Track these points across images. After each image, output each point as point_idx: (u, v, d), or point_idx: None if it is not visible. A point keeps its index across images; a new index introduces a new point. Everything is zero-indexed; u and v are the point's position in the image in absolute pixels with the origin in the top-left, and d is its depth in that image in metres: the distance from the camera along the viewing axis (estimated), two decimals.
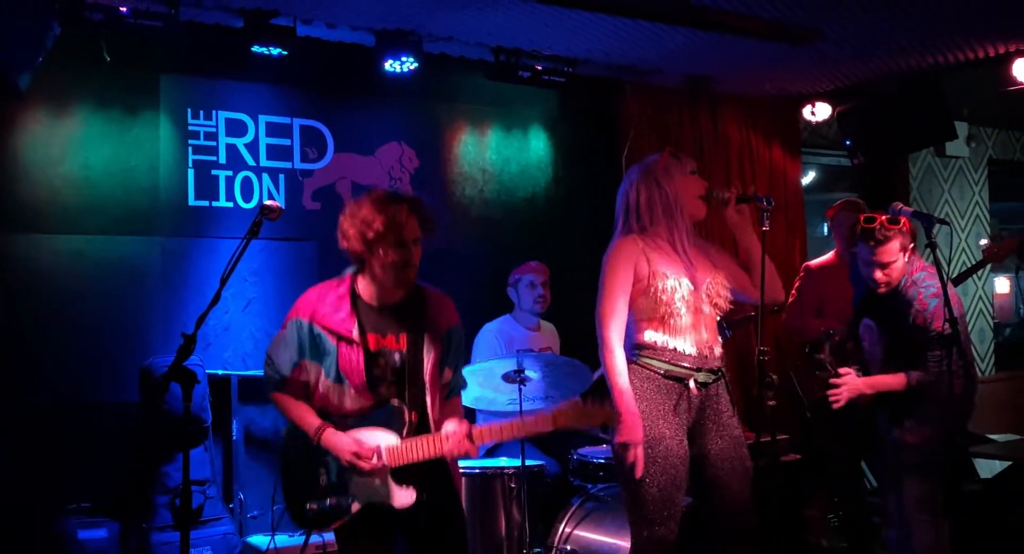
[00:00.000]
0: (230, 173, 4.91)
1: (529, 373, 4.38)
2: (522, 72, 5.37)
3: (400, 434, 3.17)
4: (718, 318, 3.66)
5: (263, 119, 5.01)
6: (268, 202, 3.21)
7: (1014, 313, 6.77)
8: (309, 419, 3.21)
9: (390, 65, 4.96)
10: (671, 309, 3.46)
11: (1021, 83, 5.56)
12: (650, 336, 3.49)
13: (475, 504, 4.48)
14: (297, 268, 5.05)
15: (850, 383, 3.99)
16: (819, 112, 6.57)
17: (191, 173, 4.81)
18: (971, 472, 6.56)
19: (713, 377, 3.53)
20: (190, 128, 4.82)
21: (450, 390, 3.36)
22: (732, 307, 3.67)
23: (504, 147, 5.78)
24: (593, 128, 6.10)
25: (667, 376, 3.47)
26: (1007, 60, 5.55)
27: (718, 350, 3.58)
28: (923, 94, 6.07)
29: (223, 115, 4.90)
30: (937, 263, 3.84)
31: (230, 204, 4.92)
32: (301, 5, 4.62)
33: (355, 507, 3.15)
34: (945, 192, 8.22)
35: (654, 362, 3.48)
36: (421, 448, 3.13)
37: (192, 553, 4.32)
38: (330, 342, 3.16)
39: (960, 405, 3.96)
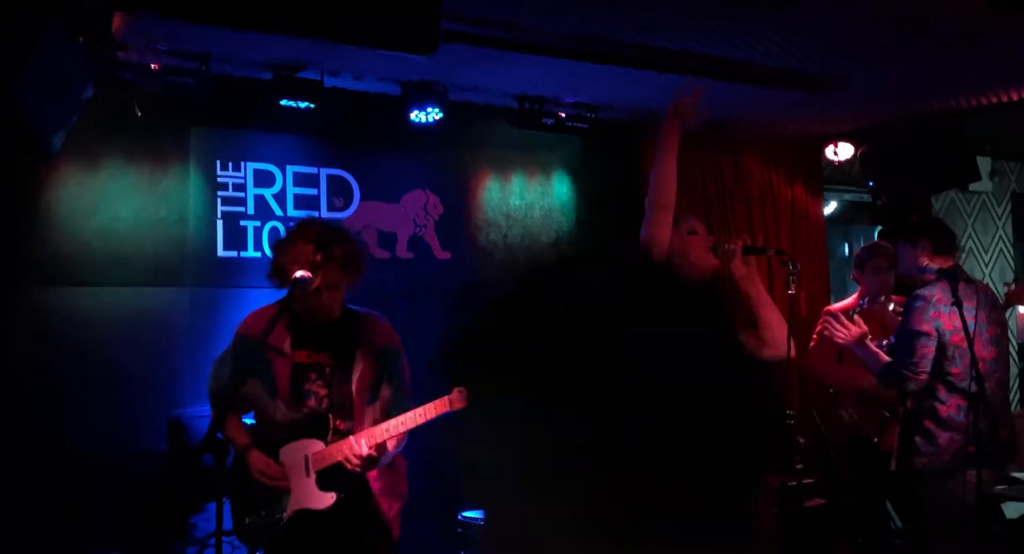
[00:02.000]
0: (258, 223, 4.99)
1: None
2: (546, 119, 5.43)
3: (325, 439, 3.37)
4: None
5: (290, 169, 5.10)
6: (300, 272, 3.28)
7: None
8: (238, 437, 3.47)
9: (416, 115, 5.03)
10: None
11: None
12: None
13: None
14: None
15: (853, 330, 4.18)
16: (841, 152, 6.59)
17: (219, 224, 4.89)
18: (997, 514, 6.53)
19: None
20: (219, 180, 4.90)
21: (391, 408, 3.51)
22: None
23: (527, 192, 5.83)
24: (615, 172, 6.13)
25: None
26: None
27: None
28: (946, 135, 6.07)
29: (251, 166, 4.98)
30: (962, 319, 3.87)
31: (258, 254, 4.99)
32: (329, 59, 4.69)
33: (286, 515, 3.35)
34: (968, 227, 8.20)
35: None
36: (338, 450, 3.34)
37: None
38: (267, 356, 3.38)
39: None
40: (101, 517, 4.54)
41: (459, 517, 4.62)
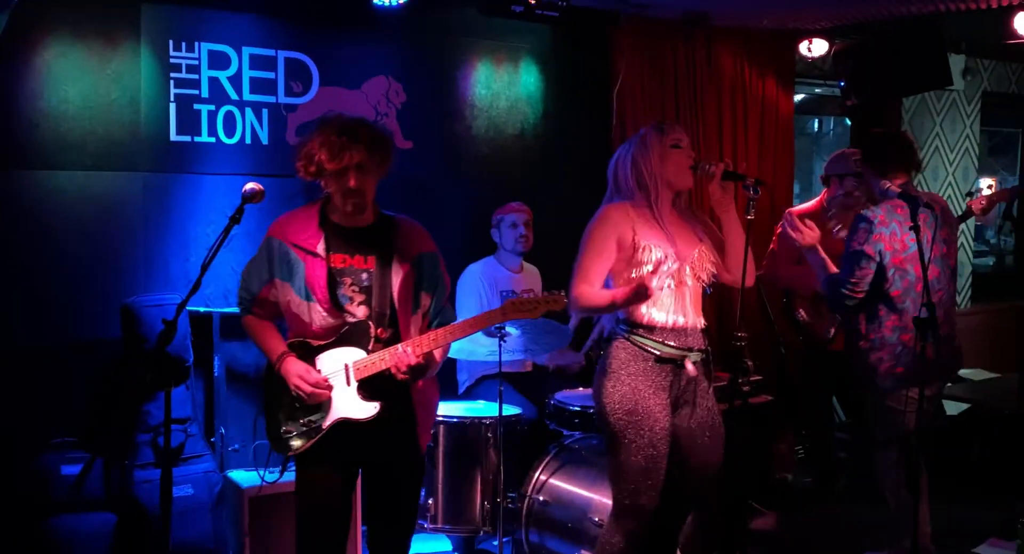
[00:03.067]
0: (212, 107, 4.82)
1: (510, 329, 4.42)
2: (515, 6, 5.26)
3: (366, 349, 3.30)
4: (704, 291, 3.71)
5: (247, 51, 4.89)
6: (250, 185, 3.24)
7: (996, 216, 6.84)
8: (273, 345, 3.40)
9: None
10: (657, 282, 3.49)
11: (1021, 37, 5.49)
12: (639, 309, 3.54)
13: (452, 452, 4.60)
14: (280, 204, 4.90)
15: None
16: (816, 48, 6.51)
17: (173, 107, 4.72)
18: (939, 410, 6.74)
19: (703, 356, 3.60)
20: (172, 61, 4.70)
21: (432, 318, 3.46)
22: (714, 280, 3.73)
23: (493, 82, 5.68)
24: (586, 62, 5.98)
25: (660, 359, 3.53)
26: (1009, 12, 5.46)
27: (702, 324, 3.65)
28: (922, 38, 5.98)
29: (206, 46, 4.77)
30: (919, 246, 3.89)
31: (212, 139, 4.84)
32: None
33: (326, 424, 3.30)
34: (937, 125, 8.18)
35: (647, 342, 3.55)
36: (380, 360, 3.27)
37: (173, 491, 4.43)
38: (297, 258, 3.30)
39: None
40: (54, 405, 4.53)
41: None
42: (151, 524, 4.33)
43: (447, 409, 4.70)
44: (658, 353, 3.55)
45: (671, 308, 3.59)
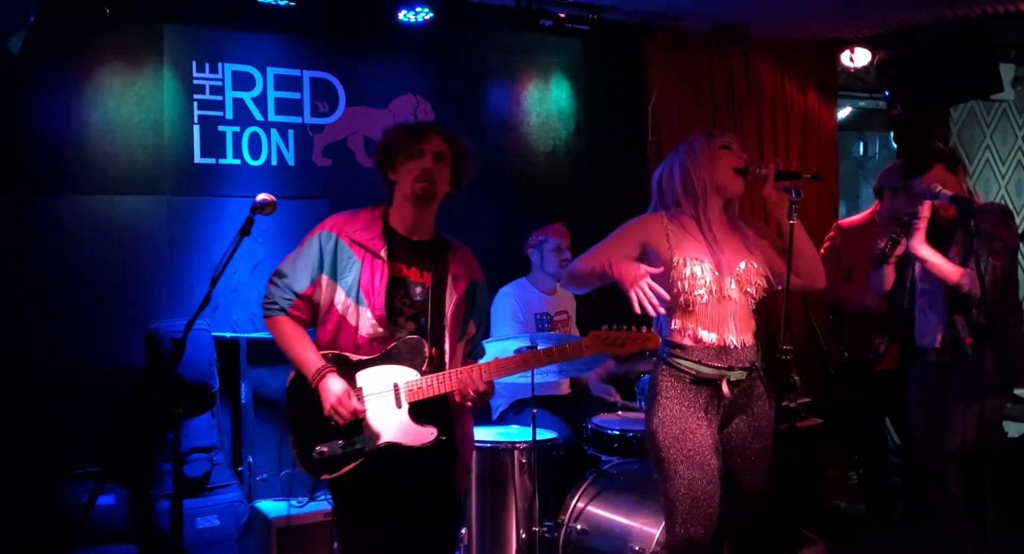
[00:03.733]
0: (237, 129, 4.77)
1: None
2: (544, 20, 5.15)
3: (420, 369, 3.08)
4: (752, 306, 3.51)
5: (271, 71, 4.84)
6: (261, 196, 3.11)
7: None
8: (309, 355, 3.10)
9: (404, 15, 4.76)
10: (691, 297, 3.33)
11: None
12: (677, 327, 3.37)
13: (485, 479, 4.44)
14: (308, 227, 4.82)
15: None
16: (858, 58, 6.30)
17: (196, 129, 4.67)
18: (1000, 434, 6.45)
19: (746, 373, 3.40)
20: (195, 82, 4.65)
21: (472, 348, 3.32)
22: (766, 293, 3.52)
23: (523, 98, 5.58)
24: (619, 77, 5.85)
25: (697, 380, 3.36)
26: None
27: (750, 340, 3.44)
28: (969, 44, 5.76)
29: (229, 67, 4.72)
30: (975, 253, 3.69)
31: (237, 161, 4.78)
32: None
33: (371, 448, 3.06)
34: (987, 137, 7.91)
35: (684, 362, 3.37)
36: (440, 382, 3.05)
37: (198, 522, 4.35)
38: (355, 256, 3.10)
39: None
40: (78, 433, 4.45)
41: None
42: None
43: (479, 434, 4.53)
44: (693, 373, 3.36)
45: (712, 324, 3.39)
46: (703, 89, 6.09)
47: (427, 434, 3.08)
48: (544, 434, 4.50)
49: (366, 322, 3.09)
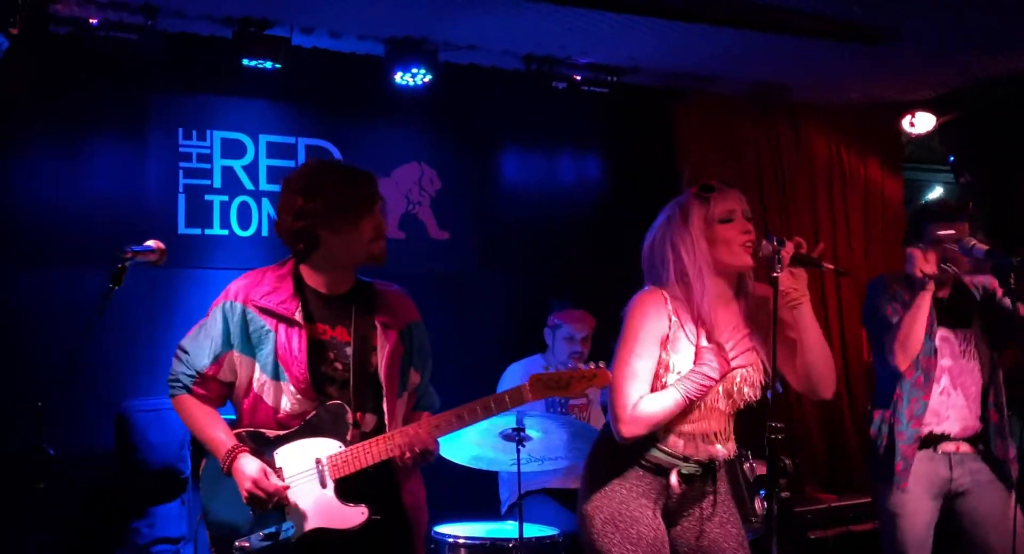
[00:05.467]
0: (225, 198, 4.67)
1: (530, 432, 3.90)
2: (557, 83, 4.96)
3: (343, 439, 2.75)
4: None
5: (264, 138, 4.77)
6: (149, 242, 2.83)
7: None
8: (218, 434, 2.82)
9: (401, 78, 4.64)
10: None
11: None
12: None
13: None
14: None
15: None
16: (919, 123, 5.89)
17: (181, 198, 4.57)
18: None
19: (703, 470, 2.93)
20: (181, 150, 4.60)
21: (419, 399, 2.99)
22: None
23: (539, 167, 5.35)
24: (648, 145, 5.60)
25: (645, 463, 2.91)
26: None
27: (725, 447, 2.97)
28: None
29: (218, 135, 4.66)
30: (1015, 311, 3.21)
31: (225, 231, 4.68)
32: (298, 13, 4.32)
33: (296, 536, 2.73)
34: None
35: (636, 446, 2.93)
36: (368, 451, 2.72)
37: None
38: (267, 326, 2.79)
39: None
40: (42, 521, 4.21)
41: (433, 533, 4.14)
42: None
43: (471, 530, 4.16)
44: (643, 456, 2.90)
45: (684, 431, 2.93)
46: (745, 159, 5.82)
47: (357, 515, 2.74)
48: (544, 530, 4.09)
49: (289, 398, 2.79)
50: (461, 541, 4.03)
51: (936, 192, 7.11)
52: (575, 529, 4.26)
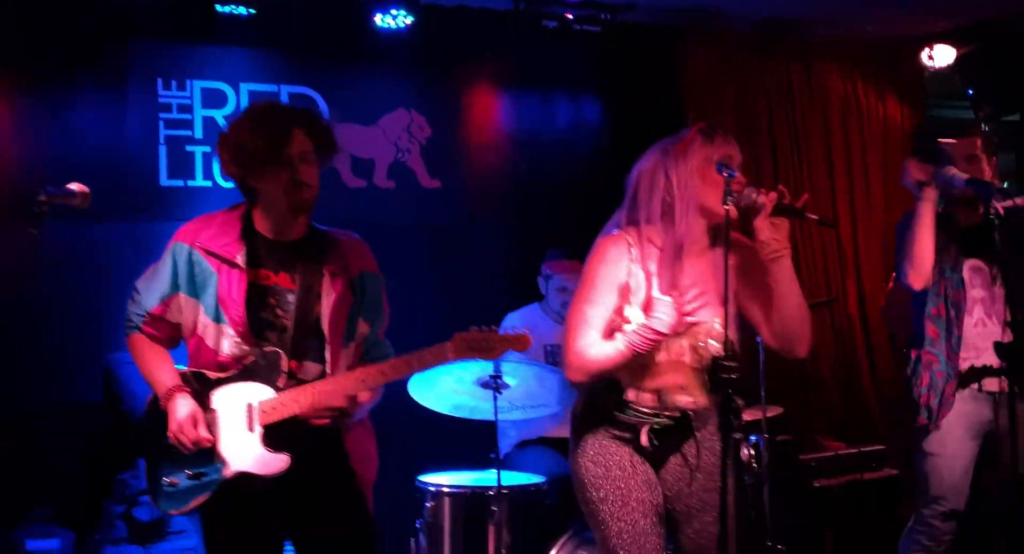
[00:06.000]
0: (208, 149, 4.65)
1: (508, 379, 3.83)
2: (547, 21, 4.82)
3: (275, 386, 2.74)
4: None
5: (245, 87, 4.73)
6: (72, 184, 2.78)
7: None
8: (162, 377, 2.84)
9: (381, 20, 4.53)
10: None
11: None
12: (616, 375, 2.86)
13: (456, 530, 3.99)
14: None
15: None
16: (939, 56, 5.66)
17: (163, 150, 4.56)
18: None
19: (675, 422, 2.84)
20: (161, 100, 4.56)
21: (367, 350, 2.93)
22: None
23: (534, 112, 5.23)
24: (646, 89, 5.44)
25: (616, 423, 2.83)
26: None
27: (696, 400, 2.87)
28: None
29: (199, 84, 4.62)
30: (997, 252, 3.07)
31: (208, 183, 4.66)
32: None
33: (221, 477, 2.74)
34: None
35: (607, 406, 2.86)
36: (294, 400, 2.70)
37: None
38: (211, 269, 2.81)
39: None
40: (33, 474, 4.29)
41: (416, 482, 4.11)
42: None
43: (452, 478, 4.11)
44: (613, 422, 2.83)
45: (651, 384, 2.83)
46: (756, 99, 5.67)
47: (278, 463, 2.72)
48: (531, 478, 4.04)
49: (228, 341, 2.79)
50: (445, 489, 4.01)
51: None
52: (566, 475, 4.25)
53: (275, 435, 2.73)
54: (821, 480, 4.73)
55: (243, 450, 2.75)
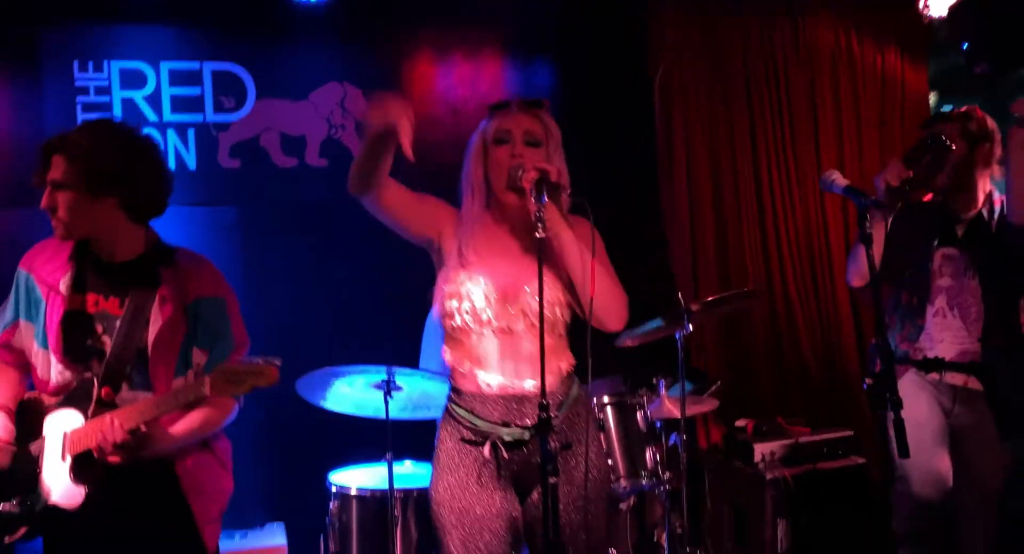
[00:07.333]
0: None
1: (400, 380, 3.72)
2: None
3: (85, 414, 2.73)
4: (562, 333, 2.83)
5: (165, 66, 4.65)
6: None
7: None
8: None
9: None
10: (460, 326, 2.76)
11: None
12: (453, 363, 2.83)
13: (366, 534, 3.94)
14: (215, 237, 4.64)
15: None
16: (935, 4, 5.21)
17: None
18: None
19: (529, 434, 2.71)
20: (77, 83, 4.51)
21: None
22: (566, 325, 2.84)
23: (478, 78, 5.01)
24: (609, 50, 5.11)
25: (464, 439, 2.74)
26: None
27: (555, 384, 2.76)
28: None
29: (116, 65, 4.56)
30: (870, 261, 2.82)
31: None
32: None
33: (39, 507, 2.73)
34: None
35: (459, 411, 2.78)
36: (94, 431, 2.66)
37: None
38: (40, 295, 2.84)
39: None
40: None
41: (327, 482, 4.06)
42: None
43: (364, 477, 4.05)
44: (468, 426, 2.73)
45: (492, 366, 2.74)
46: (730, 50, 5.29)
47: (78, 496, 2.70)
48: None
49: (55, 370, 2.79)
50: (352, 492, 3.95)
51: None
52: None
53: (84, 465, 2.70)
54: (775, 471, 4.54)
55: (55, 480, 2.74)
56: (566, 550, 2.73)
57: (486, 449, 2.72)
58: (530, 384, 2.73)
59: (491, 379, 2.74)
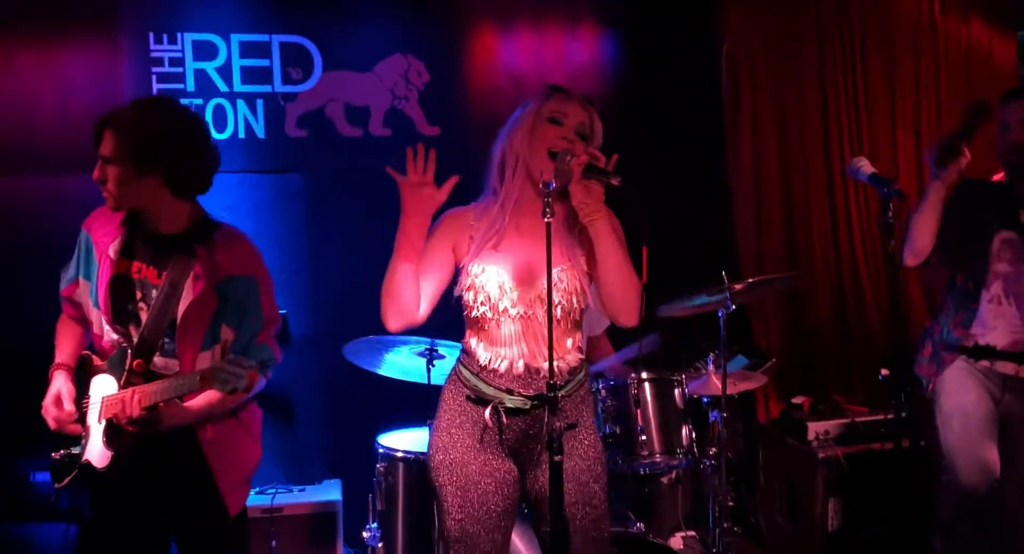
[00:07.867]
0: (200, 101, 4.79)
1: (444, 351, 3.84)
2: None
3: (119, 382, 2.93)
4: (578, 320, 2.87)
5: (236, 38, 4.83)
6: None
7: None
8: (57, 353, 3.11)
9: None
10: (479, 316, 2.82)
11: None
12: (471, 342, 2.89)
13: (412, 494, 4.10)
14: (280, 203, 4.86)
15: None
16: None
17: None
18: None
19: (532, 403, 2.78)
20: (152, 54, 4.72)
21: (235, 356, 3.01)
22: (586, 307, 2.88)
23: (544, 51, 5.04)
24: (678, 20, 5.07)
25: (469, 398, 2.82)
26: None
27: (566, 365, 2.82)
28: None
29: (189, 37, 4.75)
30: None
31: None
32: None
33: (79, 462, 2.96)
34: None
35: (466, 373, 2.86)
36: (117, 402, 2.85)
37: None
38: (96, 257, 3.02)
39: None
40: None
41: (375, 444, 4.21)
42: None
43: (410, 440, 4.19)
44: (472, 388, 2.81)
45: (507, 344, 2.80)
46: (803, 20, 5.19)
47: (105, 458, 2.90)
48: None
49: (106, 328, 2.99)
50: (398, 454, 4.11)
51: None
52: None
53: (116, 430, 2.89)
54: (828, 450, 4.52)
55: (92, 440, 2.97)
56: (567, 525, 2.81)
57: (487, 412, 2.79)
58: (538, 363, 2.79)
59: (506, 353, 2.81)
